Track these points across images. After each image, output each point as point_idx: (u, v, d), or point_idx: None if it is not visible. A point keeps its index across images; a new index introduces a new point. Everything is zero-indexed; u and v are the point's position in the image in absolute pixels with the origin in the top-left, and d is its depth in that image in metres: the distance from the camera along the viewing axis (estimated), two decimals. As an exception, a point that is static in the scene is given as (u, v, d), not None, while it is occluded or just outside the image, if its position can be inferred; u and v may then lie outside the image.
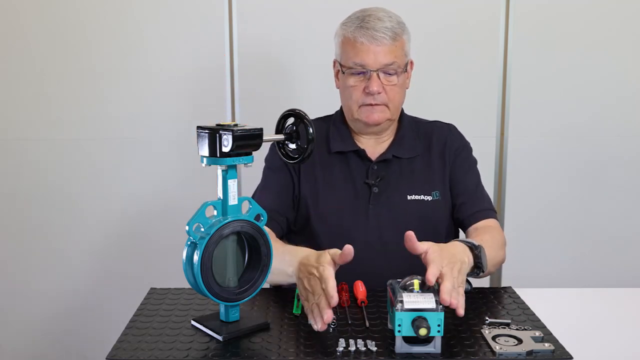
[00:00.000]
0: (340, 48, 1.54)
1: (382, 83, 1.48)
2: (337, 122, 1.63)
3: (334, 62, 1.59)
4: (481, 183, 1.64)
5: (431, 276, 1.11)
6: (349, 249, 1.17)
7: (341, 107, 1.66)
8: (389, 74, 1.49)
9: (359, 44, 1.47)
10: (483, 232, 1.50)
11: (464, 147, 1.63)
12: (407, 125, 1.62)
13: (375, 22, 1.47)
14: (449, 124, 1.67)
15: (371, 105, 1.50)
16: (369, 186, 1.55)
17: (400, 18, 1.52)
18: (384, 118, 1.53)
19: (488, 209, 1.59)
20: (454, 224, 1.63)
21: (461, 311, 1.12)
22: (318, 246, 1.53)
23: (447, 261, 1.17)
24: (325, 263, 1.18)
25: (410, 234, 1.19)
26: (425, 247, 1.19)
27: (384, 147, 1.59)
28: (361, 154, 1.57)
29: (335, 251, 1.20)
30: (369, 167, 1.56)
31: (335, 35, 1.56)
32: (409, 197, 1.54)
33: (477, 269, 1.30)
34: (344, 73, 1.51)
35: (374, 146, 1.59)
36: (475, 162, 1.65)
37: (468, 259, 1.26)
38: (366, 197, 1.54)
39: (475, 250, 1.29)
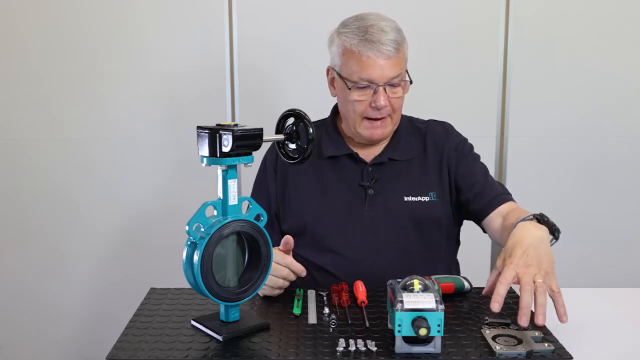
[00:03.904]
0: (340, 59, 1.48)
1: (388, 96, 1.46)
2: (329, 128, 1.62)
3: (328, 70, 1.56)
4: (490, 174, 1.60)
5: (496, 303, 1.11)
6: (287, 238, 1.35)
7: (332, 112, 1.65)
8: (394, 86, 1.46)
9: (364, 58, 1.42)
10: (518, 212, 1.43)
11: (464, 144, 1.61)
12: (404, 127, 1.60)
13: (380, 35, 1.42)
14: (443, 122, 1.64)
15: (376, 119, 1.48)
16: (364, 188, 1.54)
17: (396, 23, 1.48)
18: (387, 132, 1.52)
19: (505, 193, 1.55)
20: (456, 225, 1.63)
21: (564, 318, 1.14)
22: (318, 249, 1.54)
23: (522, 262, 1.17)
24: (280, 255, 1.33)
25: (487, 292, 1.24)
26: (499, 267, 1.20)
27: (379, 149, 1.58)
28: (355, 157, 1.56)
29: (283, 242, 1.36)
30: (364, 169, 1.55)
31: (331, 43, 1.51)
32: (405, 199, 1.53)
33: (553, 235, 1.29)
34: (349, 88, 1.46)
35: (368, 149, 1.58)
36: (478, 156, 1.62)
37: (541, 235, 1.25)
38: (362, 199, 1.54)
39: (542, 220, 1.29)
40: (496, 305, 1.10)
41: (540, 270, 1.17)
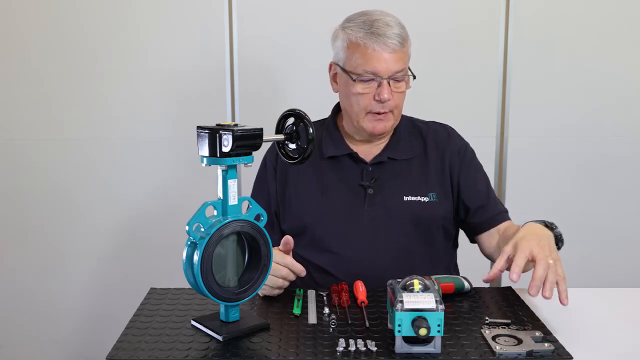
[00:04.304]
0: (344, 53, 1.49)
1: (391, 90, 1.46)
2: (329, 127, 1.62)
3: (331, 65, 1.56)
4: (491, 186, 1.64)
5: (515, 273, 1.17)
6: (287, 238, 1.36)
7: (333, 111, 1.65)
8: (397, 81, 1.47)
9: (370, 51, 1.44)
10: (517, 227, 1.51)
11: (465, 149, 1.61)
12: (404, 127, 1.61)
13: (385, 28, 1.44)
14: (445, 125, 1.65)
15: (379, 113, 1.48)
16: (364, 188, 1.54)
17: (399, 20, 1.49)
18: (389, 127, 1.52)
19: (504, 212, 1.61)
20: (455, 227, 1.63)
21: (565, 301, 1.18)
22: (318, 249, 1.54)
23: (535, 243, 1.23)
24: (280, 255, 1.34)
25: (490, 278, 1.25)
26: (508, 251, 1.25)
27: (379, 149, 1.58)
28: (355, 156, 1.57)
29: (282, 242, 1.36)
30: (364, 169, 1.55)
31: (336, 38, 1.52)
32: (404, 198, 1.53)
33: (557, 245, 1.33)
34: (354, 81, 1.47)
35: (368, 149, 1.58)
36: (480, 166, 1.64)
37: (549, 233, 1.31)
38: (361, 198, 1.54)
39: (550, 226, 1.35)
40: (515, 275, 1.17)
41: (551, 255, 1.22)
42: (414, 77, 1.51)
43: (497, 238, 1.55)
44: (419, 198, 1.53)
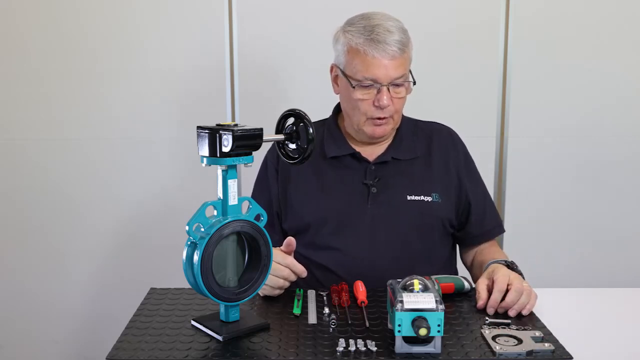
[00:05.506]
0: (344, 57, 1.49)
1: (391, 95, 1.46)
2: (331, 127, 1.62)
3: (332, 67, 1.56)
4: (488, 194, 1.66)
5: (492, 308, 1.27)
6: (289, 240, 1.36)
7: (334, 111, 1.66)
8: (397, 86, 1.47)
9: (370, 58, 1.43)
10: (496, 252, 1.60)
11: (467, 155, 1.64)
12: (406, 127, 1.61)
13: (385, 35, 1.43)
14: (448, 127, 1.66)
15: (379, 119, 1.49)
16: (367, 186, 1.54)
17: (401, 22, 1.49)
18: (388, 130, 1.53)
19: (499, 225, 1.66)
20: (453, 229, 1.63)
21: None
22: (319, 247, 1.54)
23: (511, 275, 1.31)
24: (281, 256, 1.34)
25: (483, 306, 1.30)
26: (485, 283, 1.32)
27: (382, 149, 1.58)
28: (357, 156, 1.57)
29: (285, 243, 1.37)
30: (367, 168, 1.56)
31: (337, 41, 1.52)
32: (408, 197, 1.53)
33: None
34: (353, 87, 1.46)
35: (370, 149, 1.58)
36: (479, 174, 1.66)
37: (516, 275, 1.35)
38: (365, 197, 1.54)
39: (513, 266, 1.40)
40: (492, 310, 1.27)
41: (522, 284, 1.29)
42: (414, 83, 1.51)
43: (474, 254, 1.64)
44: (422, 197, 1.54)
